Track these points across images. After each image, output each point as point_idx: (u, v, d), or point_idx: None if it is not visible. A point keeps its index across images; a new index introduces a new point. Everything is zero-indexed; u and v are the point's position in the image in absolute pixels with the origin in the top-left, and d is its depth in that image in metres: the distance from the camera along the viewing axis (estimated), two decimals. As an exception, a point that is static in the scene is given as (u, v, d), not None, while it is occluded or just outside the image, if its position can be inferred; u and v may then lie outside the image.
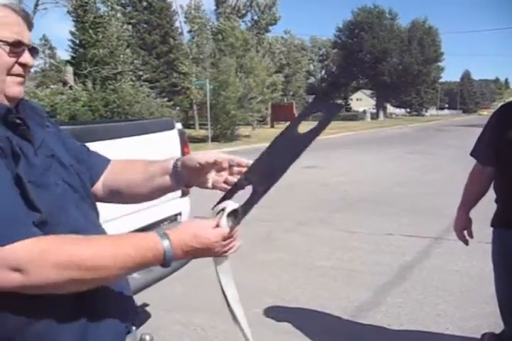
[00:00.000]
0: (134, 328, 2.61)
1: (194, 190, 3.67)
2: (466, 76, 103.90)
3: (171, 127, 3.41)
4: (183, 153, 3.48)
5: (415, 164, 13.74)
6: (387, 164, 14.00)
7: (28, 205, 1.09)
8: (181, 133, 3.50)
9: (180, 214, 3.38)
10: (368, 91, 76.47)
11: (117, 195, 1.49)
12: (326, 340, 3.58)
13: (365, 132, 33.08)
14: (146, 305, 4.08)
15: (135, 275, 2.87)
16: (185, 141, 3.56)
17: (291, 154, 1.30)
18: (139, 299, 3.70)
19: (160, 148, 3.33)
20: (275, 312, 4.02)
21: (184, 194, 3.41)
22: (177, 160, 1.42)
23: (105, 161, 1.52)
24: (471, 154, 2.88)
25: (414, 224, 6.75)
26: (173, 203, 3.35)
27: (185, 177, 1.41)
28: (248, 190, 1.31)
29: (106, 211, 2.74)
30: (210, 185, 1.40)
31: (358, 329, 3.76)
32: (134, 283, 2.80)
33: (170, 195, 3.33)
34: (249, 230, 6.43)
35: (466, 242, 2.98)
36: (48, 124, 1.34)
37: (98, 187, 1.49)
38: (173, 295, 4.38)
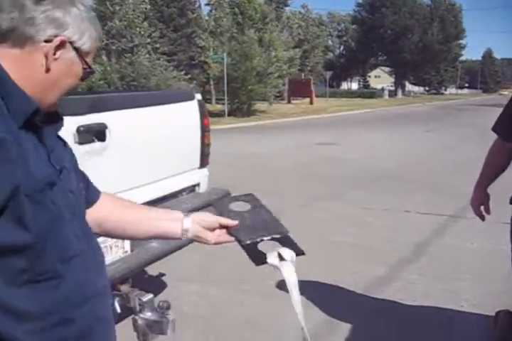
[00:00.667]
0: (151, 295, 2.65)
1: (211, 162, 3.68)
2: (487, 54, 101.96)
3: (191, 98, 3.39)
4: (203, 125, 3.47)
5: (433, 142, 13.63)
6: (404, 142, 13.91)
7: (17, 223, 1.02)
8: (201, 104, 3.48)
9: (198, 185, 3.38)
10: (387, 69, 75.53)
11: (99, 228, 1.42)
12: (339, 313, 3.60)
13: (383, 110, 32.79)
14: (162, 274, 4.12)
15: (154, 244, 2.90)
16: (205, 113, 3.54)
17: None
18: (156, 268, 3.77)
19: (180, 118, 3.32)
20: (284, 290, 4.03)
21: (203, 165, 3.41)
22: (186, 215, 1.46)
23: (98, 191, 1.45)
24: (493, 129, 2.82)
25: (432, 201, 6.72)
26: (191, 174, 3.35)
27: (194, 232, 1.45)
28: None
29: (123, 181, 2.76)
30: (213, 241, 1.49)
31: (372, 304, 3.78)
32: (153, 252, 2.83)
33: (188, 166, 3.36)
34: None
35: (483, 218, 2.95)
36: (60, 137, 1.29)
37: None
38: (190, 265, 4.41)
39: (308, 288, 3.93)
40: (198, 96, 3.50)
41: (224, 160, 7.69)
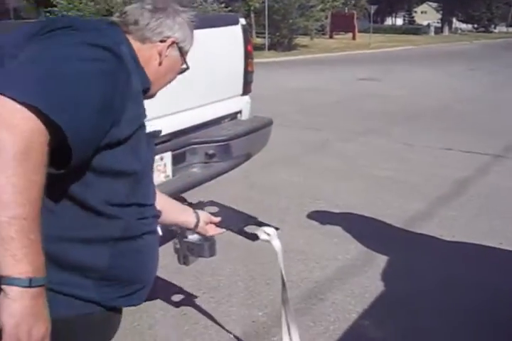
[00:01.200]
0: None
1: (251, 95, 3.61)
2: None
3: (235, 22, 3.28)
4: (247, 51, 3.38)
5: (478, 82, 13.15)
6: (448, 80, 13.46)
7: (134, 153, 1.25)
8: (245, 30, 3.37)
9: (240, 112, 3.33)
10: (434, 4, 72.24)
11: None
12: (376, 245, 3.60)
13: (428, 47, 31.63)
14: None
15: (195, 169, 2.90)
16: (249, 39, 3.44)
17: None
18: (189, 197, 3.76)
19: (223, 43, 3.23)
20: (327, 216, 4.05)
21: (245, 92, 3.34)
22: (195, 212, 1.85)
23: None
24: None
25: (474, 141, 6.55)
26: (233, 101, 3.30)
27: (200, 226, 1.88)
28: None
29: (167, 105, 2.73)
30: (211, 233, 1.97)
31: (410, 237, 3.77)
32: (194, 177, 2.84)
33: (230, 93, 3.30)
34: (304, 137, 6.40)
35: None
36: None
37: None
38: (227, 196, 4.44)
39: (345, 219, 3.97)
40: (242, 21, 3.39)
41: (264, 93, 7.58)
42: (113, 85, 1.15)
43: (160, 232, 2.70)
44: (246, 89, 3.35)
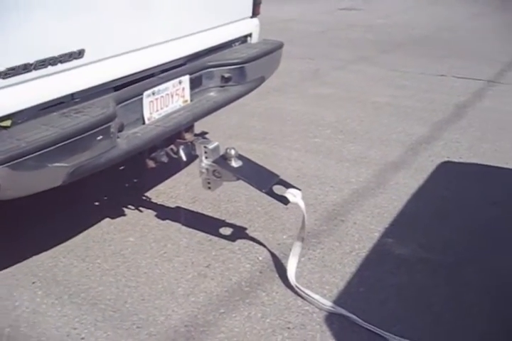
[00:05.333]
0: (217, 143, 2.63)
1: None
2: None
3: None
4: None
5: (461, 9, 12.90)
6: (430, 8, 13.18)
7: None
8: None
9: (250, 35, 3.22)
10: None
11: None
12: (386, 168, 3.65)
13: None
14: (205, 133, 4.10)
15: (212, 93, 2.83)
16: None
17: None
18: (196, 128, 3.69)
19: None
20: (334, 142, 4.06)
21: (254, 14, 3.21)
22: None
23: None
24: None
25: (466, 67, 6.49)
26: (243, 23, 3.17)
27: None
28: None
29: (178, 28, 2.62)
30: None
31: (418, 160, 3.79)
32: (214, 101, 2.77)
33: (240, 15, 3.17)
34: (296, 66, 6.28)
35: None
36: None
37: None
38: (230, 125, 4.39)
39: (353, 146, 3.97)
40: None
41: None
42: None
43: (184, 157, 2.67)
44: (255, 11, 3.22)
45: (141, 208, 3.10)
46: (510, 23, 10.18)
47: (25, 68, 1.79)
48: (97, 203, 3.20)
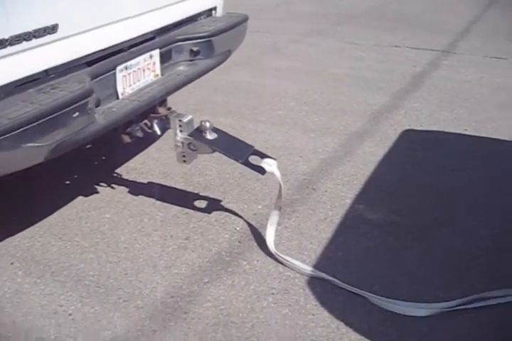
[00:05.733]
0: (191, 116, 2.63)
1: None
2: None
3: None
4: None
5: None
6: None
7: None
8: None
9: (215, 9, 3.21)
10: None
11: None
12: (351, 138, 3.73)
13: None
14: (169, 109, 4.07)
15: (182, 67, 2.83)
16: None
17: None
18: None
19: None
20: (297, 114, 4.12)
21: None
22: None
23: None
24: None
25: (418, 37, 6.60)
26: (206, -4, 3.16)
27: None
28: None
29: (140, 4, 2.59)
30: None
31: (381, 129, 3.89)
32: (184, 74, 2.77)
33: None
34: (254, 40, 6.24)
35: None
36: None
37: None
38: (194, 100, 4.37)
39: (316, 117, 4.03)
40: None
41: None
42: None
43: (158, 131, 2.68)
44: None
45: (113, 185, 3.09)
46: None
47: (1, 44, 1.76)
48: (67, 182, 3.17)
